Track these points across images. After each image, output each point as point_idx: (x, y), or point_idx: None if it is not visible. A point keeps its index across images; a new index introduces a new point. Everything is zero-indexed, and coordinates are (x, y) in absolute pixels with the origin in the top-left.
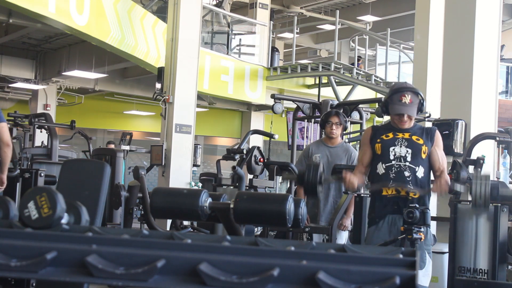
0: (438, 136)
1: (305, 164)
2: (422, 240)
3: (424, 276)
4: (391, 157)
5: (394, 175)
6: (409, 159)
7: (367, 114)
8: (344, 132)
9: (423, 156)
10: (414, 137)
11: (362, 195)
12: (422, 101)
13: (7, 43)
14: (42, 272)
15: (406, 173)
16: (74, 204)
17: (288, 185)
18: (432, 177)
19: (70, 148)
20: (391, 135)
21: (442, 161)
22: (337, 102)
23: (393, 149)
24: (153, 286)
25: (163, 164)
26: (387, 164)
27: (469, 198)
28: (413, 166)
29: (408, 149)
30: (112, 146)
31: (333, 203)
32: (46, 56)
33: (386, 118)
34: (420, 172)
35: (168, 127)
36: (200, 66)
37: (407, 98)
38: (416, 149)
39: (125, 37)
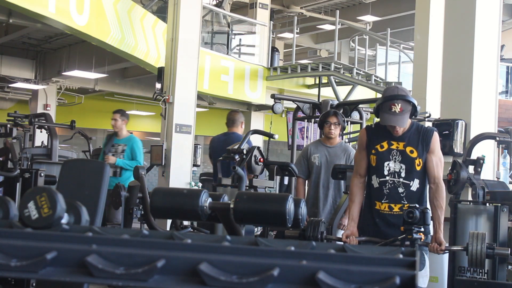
0: (434, 140)
1: (304, 165)
2: (422, 240)
3: (422, 277)
4: (385, 172)
5: (388, 191)
6: (403, 175)
7: (367, 114)
8: (344, 132)
9: (418, 168)
10: (408, 149)
11: None
12: (415, 107)
13: (7, 43)
14: (42, 272)
15: (400, 189)
16: (74, 204)
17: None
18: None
19: (70, 148)
20: (385, 145)
21: (437, 169)
22: (337, 102)
23: (388, 164)
24: (153, 286)
25: (163, 164)
26: (381, 179)
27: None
28: (407, 182)
29: (402, 164)
30: None
31: (332, 202)
32: (46, 56)
33: None
34: (415, 185)
35: (168, 127)
36: (200, 66)
37: (397, 107)
38: (410, 163)
39: (125, 37)
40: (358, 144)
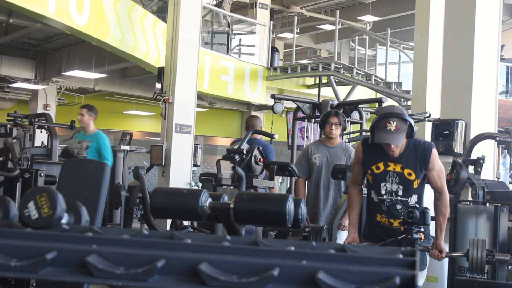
0: (433, 158)
1: (304, 165)
2: (422, 240)
3: (420, 277)
4: (383, 192)
5: (386, 208)
6: (400, 193)
7: (367, 114)
8: (344, 132)
9: (415, 186)
10: (406, 171)
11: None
12: (411, 127)
13: (7, 43)
14: (42, 272)
15: (398, 206)
16: (74, 204)
17: (288, 185)
18: (426, 182)
19: None
20: (381, 167)
21: (440, 180)
22: (337, 102)
23: (384, 185)
24: (153, 286)
25: (163, 164)
26: (379, 198)
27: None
28: (405, 199)
29: (399, 185)
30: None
31: (333, 203)
32: (46, 56)
33: None
34: (413, 200)
35: (168, 127)
36: (200, 66)
37: (392, 125)
38: (408, 184)
39: (125, 37)
40: (355, 157)
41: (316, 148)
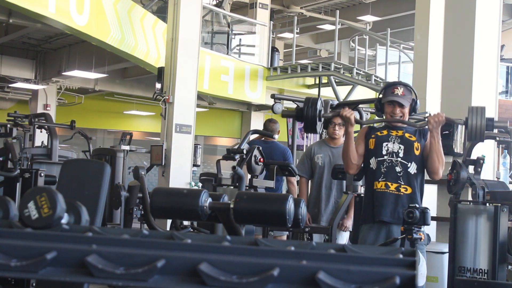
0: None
1: (307, 164)
2: (422, 240)
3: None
4: (384, 152)
5: (385, 169)
6: (401, 154)
7: (367, 114)
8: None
9: (416, 152)
10: (407, 135)
11: (362, 195)
12: (415, 99)
13: (7, 43)
14: (42, 272)
15: (398, 168)
16: (74, 204)
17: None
18: (426, 176)
19: (70, 148)
20: (385, 132)
21: None
22: (337, 102)
23: (386, 144)
24: (153, 286)
25: (163, 164)
26: (379, 159)
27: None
28: (405, 162)
29: (400, 145)
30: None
31: (334, 203)
32: (46, 56)
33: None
34: (413, 168)
35: (168, 127)
36: (200, 66)
37: (399, 90)
38: (409, 145)
39: (125, 37)
40: (357, 136)
41: (319, 148)
